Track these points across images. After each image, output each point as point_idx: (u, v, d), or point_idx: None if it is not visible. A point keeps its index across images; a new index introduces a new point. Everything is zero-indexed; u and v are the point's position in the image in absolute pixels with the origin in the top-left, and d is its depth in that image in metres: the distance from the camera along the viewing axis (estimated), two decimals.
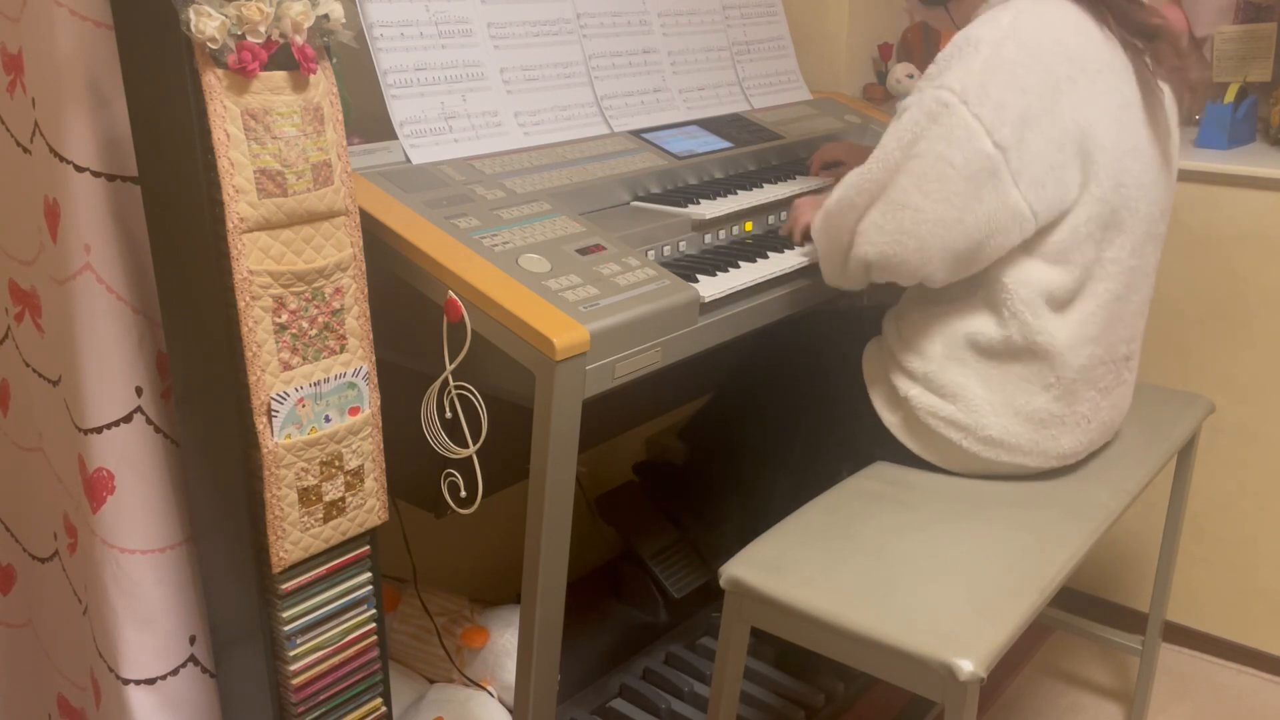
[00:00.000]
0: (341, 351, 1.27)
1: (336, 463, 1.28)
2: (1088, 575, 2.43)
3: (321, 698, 1.36)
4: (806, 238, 1.68)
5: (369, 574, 1.37)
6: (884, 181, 1.45)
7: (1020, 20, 1.43)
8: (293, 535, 1.26)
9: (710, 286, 1.45)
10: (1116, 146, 1.46)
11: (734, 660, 1.44)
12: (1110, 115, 1.46)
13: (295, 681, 1.32)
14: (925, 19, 1.80)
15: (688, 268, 1.51)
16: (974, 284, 1.51)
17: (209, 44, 1.11)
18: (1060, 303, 1.49)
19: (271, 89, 1.17)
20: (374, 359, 1.30)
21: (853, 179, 1.50)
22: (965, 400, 1.53)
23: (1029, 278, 1.48)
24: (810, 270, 1.62)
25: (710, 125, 1.94)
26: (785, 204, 1.79)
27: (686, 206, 1.64)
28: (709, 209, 1.64)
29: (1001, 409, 1.53)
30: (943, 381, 1.53)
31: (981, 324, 1.51)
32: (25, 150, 1.42)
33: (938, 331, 1.54)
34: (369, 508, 1.34)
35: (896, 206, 1.44)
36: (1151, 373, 2.02)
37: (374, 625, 1.39)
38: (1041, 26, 1.43)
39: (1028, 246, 1.47)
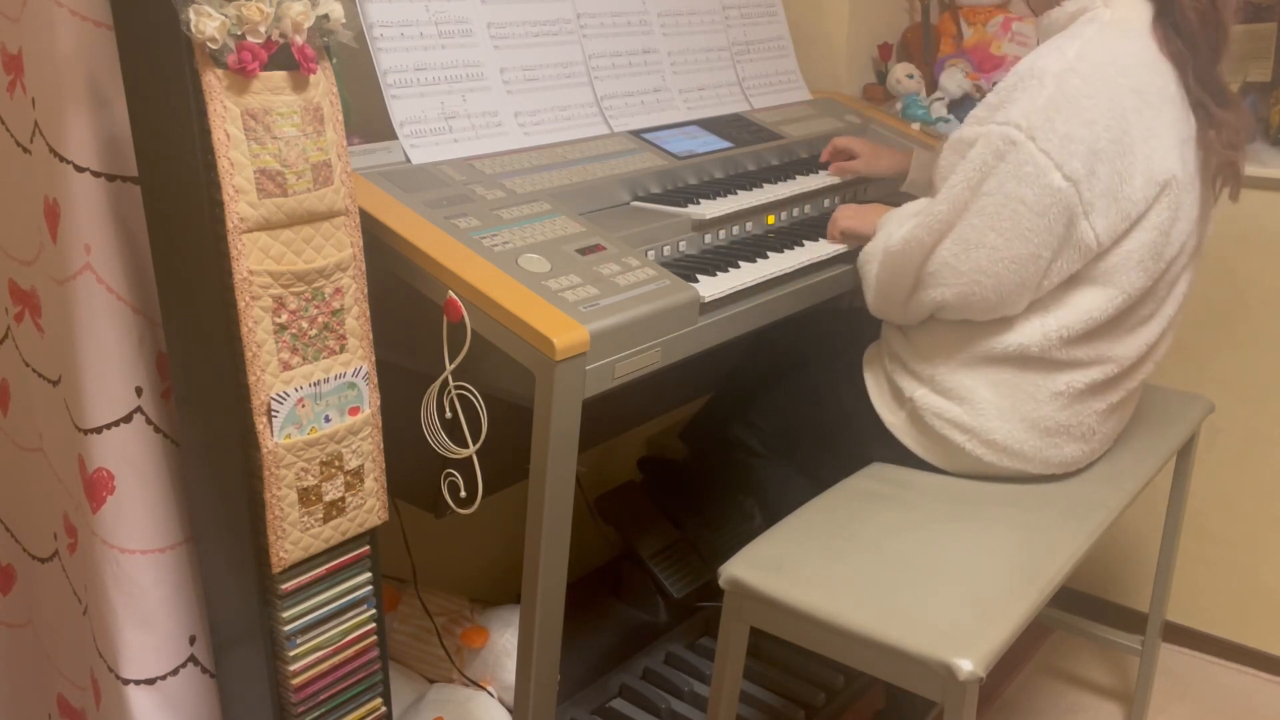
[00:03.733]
0: (341, 351, 1.27)
1: (336, 463, 1.28)
2: (1088, 575, 2.43)
3: (321, 698, 1.36)
4: (850, 241, 1.68)
5: (369, 574, 1.37)
6: (951, 220, 1.44)
7: (1085, 51, 1.41)
8: (293, 535, 1.26)
9: (710, 286, 1.45)
10: (1178, 179, 1.45)
11: (734, 660, 1.44)
12: (1174, 149, 1.45)
13: (295, 681, 1.32)
14: None
15: (688, 268, 1.51)
16: None
17: (209, 44, 1.11)
18: (1095, 323, 1.48)
19: (271, 89, 1.17)
20: (374, 359, 1.30)
21: (918, 219, 1.49)
22: (972, 403, 1.53)
23: (1071, 297, 1.48)
24: (810, 270, 1.62)
25: (710, 125, 1.94)
26: (785, 203, 1.79)
27: (686, 206, 1.64)
28: (709, 209, 1.64)
29: (1008, 414, 1.52)
30: (951, 384, 1.53)
31: (1001, 333, 1.50)
32: (25, 150, 1.42)
33: (950, 336, 1.53)
34: (369, 508, 1.34)
35: (971, 246, 1.44)
36: (1151, 373, 2.02)
37: (374, 625, 1.39)
38: (1107, 58, 1.41)
39: (1078, 269, 1.47)
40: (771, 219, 1.77)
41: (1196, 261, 1.60)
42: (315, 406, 1.25)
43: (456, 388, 1.30)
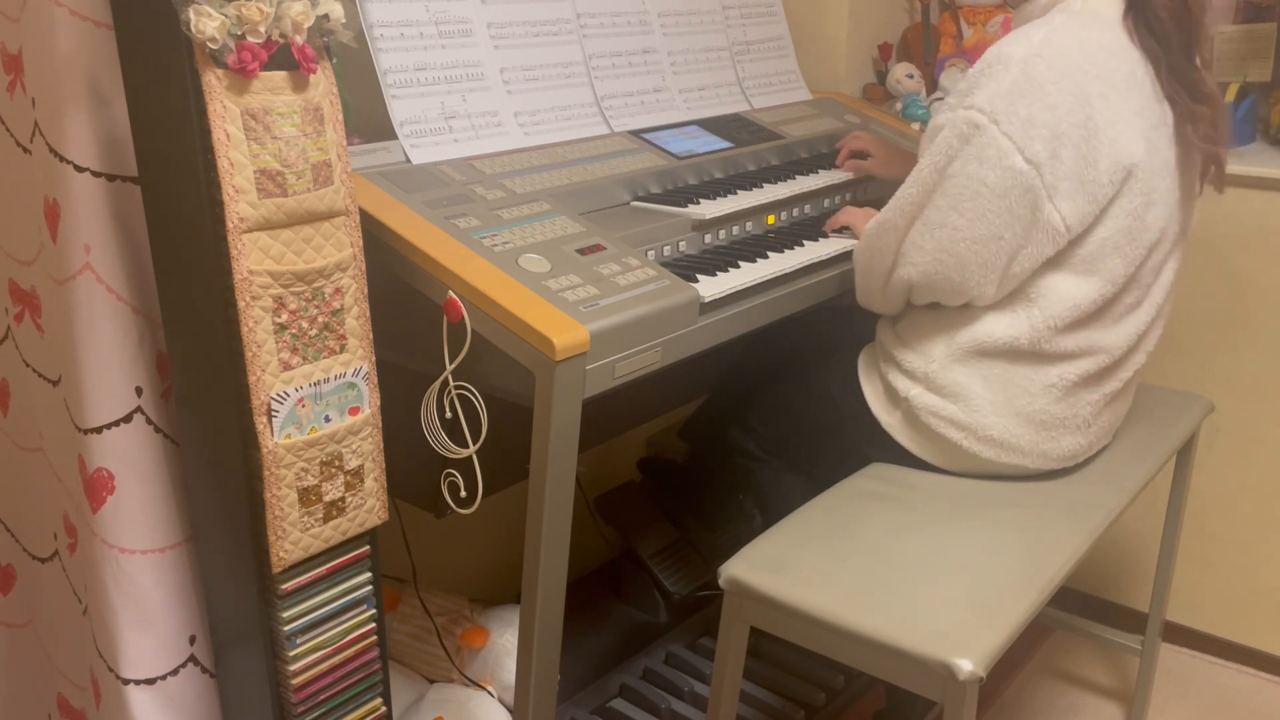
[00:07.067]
0: (341, 351, 1.27)
1: (336, 463, 1.28)
2: (1088, 575, 2.43)
3: (321, 698, 1.36)
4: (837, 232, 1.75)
5: (369, 574, 1.37)
6: (921, 202, 1.48)
7: (1051, 38, 1.43)
8: (293, 535, 1.26)
9: (710, 286, 1.45)
10: (1147, 164, 1.47)
11: (734, 660, 1.44)
12: (1141, 133, 1.46)
13: (295, 681, 1.32)
14: None
15: (688, 268, 1.51)
16: None
17: (209, 44, 1.11)
18: (1081, 313, 1.49)
19: (271, 89, 1.17)
20: (374, 359, 1.30)
21: (891, 202, 1.53)
22: (967, 400, 1.53)
23: (1054, 287, 1.49)
24: (810, 270, 1.62)
25: (710, 125, 1.94)
26: (785, 203, 1.79)
27: (686, 206, 1.64)
28: (709, 209, 1.64)
29: (1003, 409, 1.53)
30: (944, 381, 1.54)
31: (989, 326, 1.51)
32: (25, 150, 1.42)
33: (941, 332, 1.54)
34: (369, 508, 1.34)
35: (935, 226, 1.47)
36: (1151, 373, 2.02)
37: (374, 625, 1.39)
38: (1072, 45, 1.44)
39: (1055, 257, 1.48)
40: (771, 219, 1.77)
41: (1181, 248, 1.61)
42: (315, 406, 1.25)
43: (456, 388, 1.30)
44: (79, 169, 1.30)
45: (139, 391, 1.38)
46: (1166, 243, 1.55)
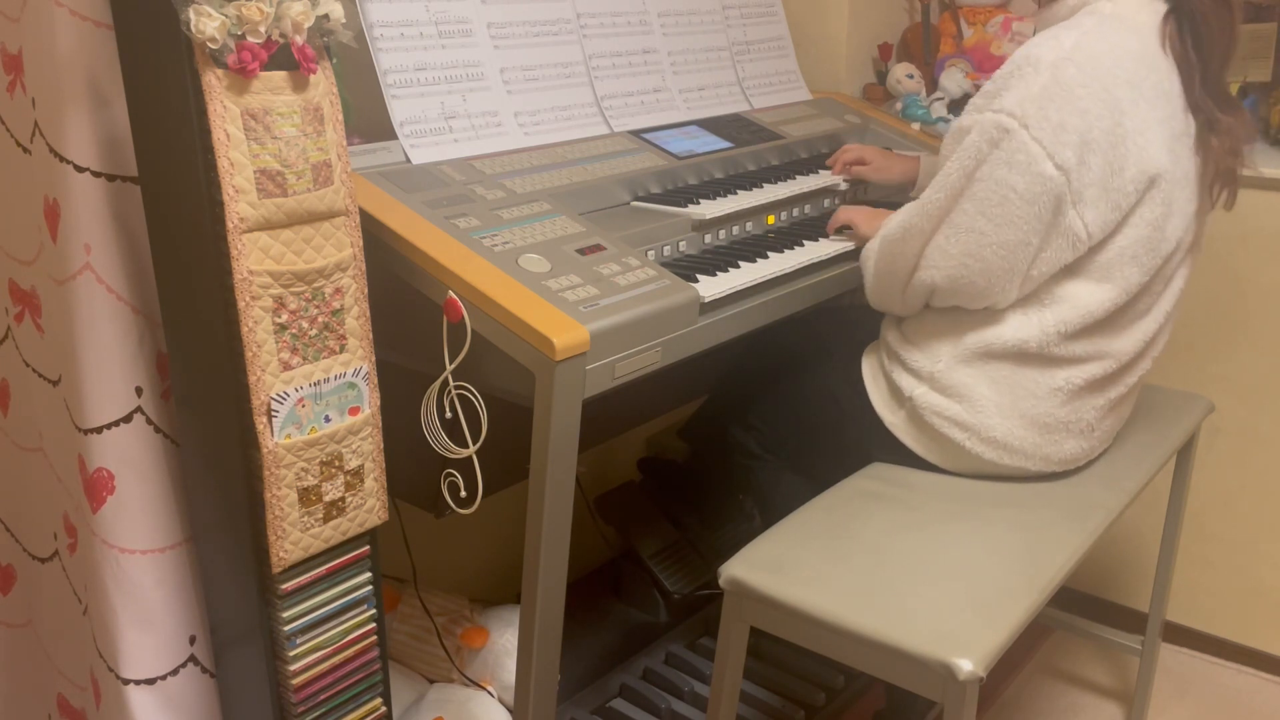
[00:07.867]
0: (341, 351, 1.27)
1: (336, 463, 1.28)
2: (1088, 575, 2.43)
3: (321, 698, 1.36)
4: (837, 231, 1.74)
5: (369, 574, 1.37)
6: (948, 206, 1.46)
7: (1083, 42, 1.42)
8: (293, 535, 1.26)
9: (710, 286, 1.45)
10: (1170, 173, 1.46)
11: (734, 660, 1.44)
12: (1165, 143, 1.45)
13: (295, 681, 1.32)
14: None
15: (688, 268, 1.51)
16: None
17: (209, 44, 1.11)
18: (1093, 319, 1.49)
19: (271, 89, 1.17)
20: (374, 359, 1.30)
21: (916, 206, 1.51)
22: (971, 400, 1.53)
23: (1068, 293, 1.48)
24: (810, 270, 1.62)
25: (710, 125, 1.94)
26: (785, 203, 1.79)
27: (686, 206, 1.64)
28: (709, 209, 1.64)
29: (1008, 411, 1.53)
30: (950, 381, 1.53)
31: (998, 328, 1.51)
32: (25, 150, 1.42)
33: (949, 332, 1.54)
34: (369, 508, 1.34)
35: (962, 231, 1.46)
36: (1152, 373, 2.02)
37: (374, 625, 1.39)
38: (1103, 49, 1.42)
39: (1073, 264, 1.47)
40: (771, 219, 1.77)
41: (1194, 257, 1.61)
42: (315, 406, 1.25)
43: (456, 388, 1.30)
44: (79, 169, 1.30)
45: (139, 391, 1.38)
46: (1181, 252, 1.55)
